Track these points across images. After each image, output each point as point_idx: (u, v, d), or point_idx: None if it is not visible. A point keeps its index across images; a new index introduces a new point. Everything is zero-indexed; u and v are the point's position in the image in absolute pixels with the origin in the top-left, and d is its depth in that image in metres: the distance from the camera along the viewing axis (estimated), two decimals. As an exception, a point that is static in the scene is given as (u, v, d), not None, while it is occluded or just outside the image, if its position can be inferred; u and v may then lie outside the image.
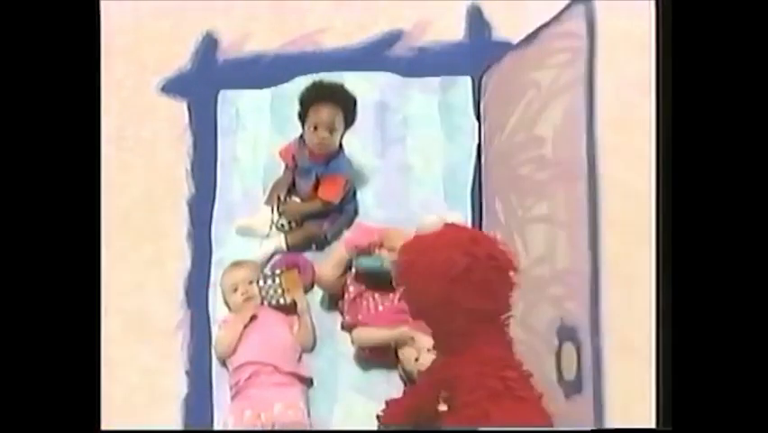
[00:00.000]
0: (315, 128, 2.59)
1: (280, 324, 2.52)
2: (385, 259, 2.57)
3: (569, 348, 2.02)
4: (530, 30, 2.50)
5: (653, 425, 1.85)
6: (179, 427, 2.40)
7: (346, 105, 2.62)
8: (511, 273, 1.96)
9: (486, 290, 1.92)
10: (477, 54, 2.93)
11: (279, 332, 2.50)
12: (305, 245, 2.70)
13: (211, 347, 2.50)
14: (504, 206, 2.49)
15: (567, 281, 2.03)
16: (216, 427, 2.41)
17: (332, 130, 2.59)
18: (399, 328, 2.46)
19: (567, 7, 2.15)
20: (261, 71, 2.98)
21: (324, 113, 2.58)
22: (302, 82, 2.83)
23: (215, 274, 2.63)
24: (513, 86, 2.47)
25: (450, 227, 1.99)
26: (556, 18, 2.22)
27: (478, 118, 2.80)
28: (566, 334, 2.04)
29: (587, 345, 1.94)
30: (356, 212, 2.75)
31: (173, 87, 2.94)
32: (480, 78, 2.79)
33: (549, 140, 2.19)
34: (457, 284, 1.89)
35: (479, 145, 2.76)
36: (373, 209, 2.75)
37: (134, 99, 2.93)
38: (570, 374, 2.01)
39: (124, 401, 2.40)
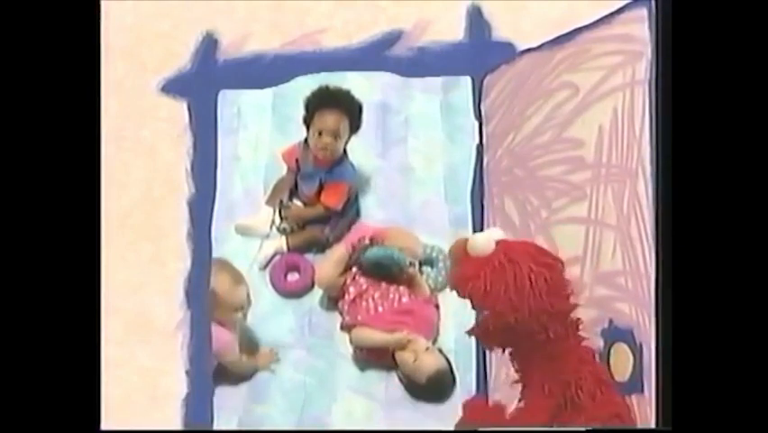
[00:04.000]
0: (320, 134, 2.59)
1: None
2: (394, 251, 2.57)
3: (622, 349, 2.02)
4: (530, 30, 2.50)
5: (653, 424, 1.85)
6: (179, 427, 2.40)
7: (352, 111, 2.63)
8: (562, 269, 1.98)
9: (559, 292, 1.95)
10: (477, 54, 2.93)
11: None
12: (306, 248, 2.71)
13: (211, 347, 2.49)
14: (519, 207, 2.50)
15: (617, 283, 2.04)
16: (216, 426, 2.41)
17: (336, 136, 2.60)
18: (397, 334, 2.46)
19: (620, 11, 2.16)
20: (261, 71, 2.97)
21: (329, 119, 2.59)
22: (303, 82, 2.83)
23: (215, 273, 2.63)
24: (534, 87, 2.48)
25: (502, 243, 1.97)
26: (602, 21, 2.23)
27: (478, 119, 2.80)
28: (618, 335, 2.05)
29: (649, 346, 1.94)
30: (358, 214, 2.75)
31: (173, 87, 2.94)
32: (483, 78, 2.79)
33: (591, 142, 2.20)
34: (538, 295, 1.90)
35: (479, 145, 2.76)
36: (374, 210, 2.76)
37: (134, 99, 2.93)
38: (623, 376, 2.03)
39: (124, 401, 2.39)
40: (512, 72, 2.65)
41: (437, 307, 2.61)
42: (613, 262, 2.07)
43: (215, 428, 2.41)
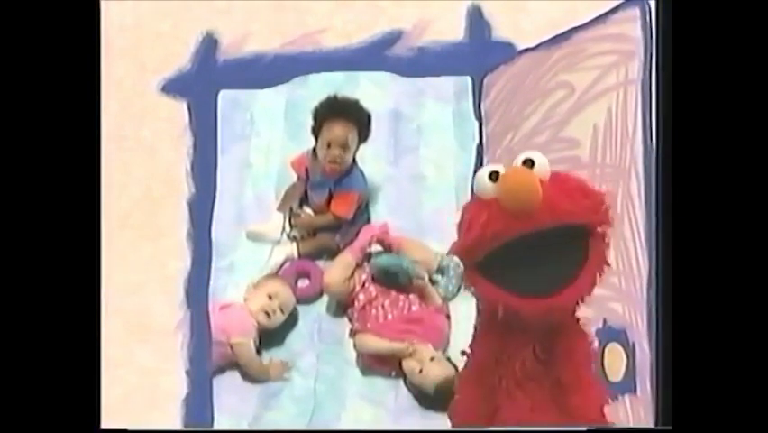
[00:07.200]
0: (329, 145, 2.59)
1: None
2: (405, 260, 2.58)
3: (616, 349, 2.03)
4: (530, 30, 2.50)
5: (651, 424, 1.86)
6: (179, 427, 2.40)
7: (360, 121, 2.62)
8: None
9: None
10: (477, 54, 2.93)
11: None
12: (316, 255, 2.71)
13: (211, 347, 2.49)
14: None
15: (610, 283, 2.04)
16: (216, 427, 2.41)
17: (345, 147, 2.60)
18: (400, 343, 2.45)
19: (613, 11, 2.16)
20: (261, 71, 2.98)
21: (337, 130, 2.59)
22: (315, 88, 2.84)
23: (223, 279, 2.64)
24: (531, 87, 2.48)
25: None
26: (597, 21, 2.23)
27: (478, 119, 2.80)
28: (612, 335, 2.05)
29: (641, 346, 1.94)
30: (368, 222, 2.75)
31: (173, 87, 2.94)
32: (482, 78, 2.79)
33: (586, 141, 2.20)
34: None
35: (479, 145, 2.77)
36: (385, 218, 2.75)
37: (134, 99, 2.93)
38: (616, 376, 2.03)
39: (124, 401, 2.39)
40: (511, 72, 2.66)
41: (448, 316, 2.59)
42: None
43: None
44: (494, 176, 1.63)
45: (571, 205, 1.60)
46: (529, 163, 1.63)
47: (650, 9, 2.03)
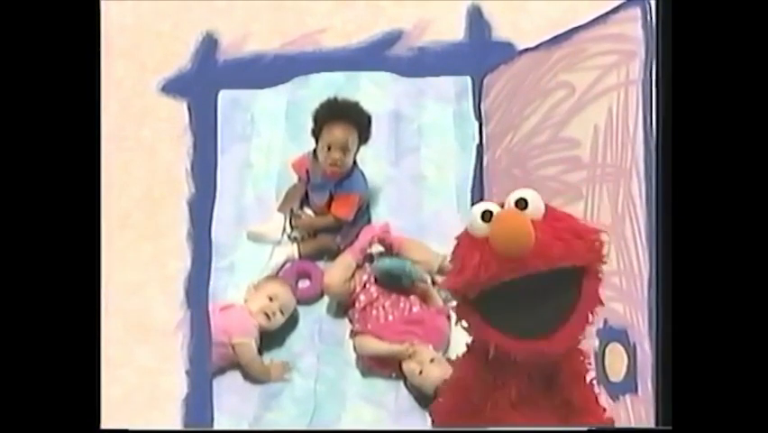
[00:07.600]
0: (329, 148, 2.59)
1: None
2: (407, 263, 2.57)
3: (617, 349, 2.03)
4: (530, 30, 2.51)
5: (652, 424, 1.86)
6: (179, 427, 2.40)
7: (360, 123, 2.62)
8: None
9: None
10: (477, 54, 2.93)
11: None
12: (317, 255, 2.71)
13: (211, 347, 2.49)
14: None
15: (611, 283, 2.04)
16: (216, 426, 2.41)
17: (345, 150, 2.60)
18: (399, 345, 2.45)
19: (614, 10, 2.16)
20: (261, 71, 2.98)
21: (337, 132, 2.58)
22: (317, 89, 2.83)
23: (223, 279, 2.63)
24: (531, 87, 2.49)
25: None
26: (597, 21, 2.23)
27: (478, 119, 2.80)
28: (612, 335, 2.05)
29: (642, 346, 1.94)
30: (369, 223, 2.75)
31: (173, 87, 2.94)
32: (482, 78, 2.79)
33: (587, 141, 2.20)
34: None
35: (479, 145, 2.77)
36: (386, 219, 2.75)
37: (134, 99, 2.94)
38: (617, 376, 2.03)
39: (124, 401, 2.39)
40: (511, 72, 2.66)
41: (449, 317, 2.59)
42: (608, 263, 2.07)
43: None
44: (487, 216, 1.66)
45: (563, 249, 1.63)
46: (522, 204, 1.64)
47: (651, 9, 2.03)
